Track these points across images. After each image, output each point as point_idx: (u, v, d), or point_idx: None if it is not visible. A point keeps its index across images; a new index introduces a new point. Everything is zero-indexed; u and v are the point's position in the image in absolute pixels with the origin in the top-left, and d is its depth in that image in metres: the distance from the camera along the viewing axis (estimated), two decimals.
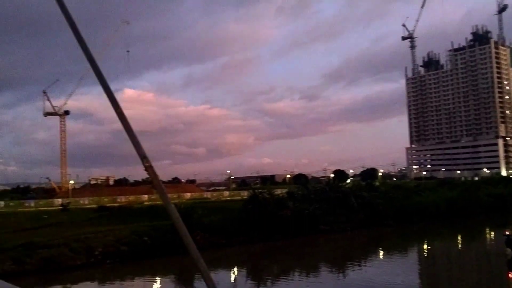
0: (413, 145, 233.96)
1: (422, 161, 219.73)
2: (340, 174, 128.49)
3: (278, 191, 58.06)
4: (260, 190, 53.14)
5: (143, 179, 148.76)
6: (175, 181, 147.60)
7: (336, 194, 55.97)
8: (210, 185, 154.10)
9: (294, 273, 33.84)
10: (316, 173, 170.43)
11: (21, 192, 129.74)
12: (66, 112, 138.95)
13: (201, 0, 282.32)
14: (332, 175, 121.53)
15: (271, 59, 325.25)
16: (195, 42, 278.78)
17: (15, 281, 1.94)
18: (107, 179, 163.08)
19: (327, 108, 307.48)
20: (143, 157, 2.11)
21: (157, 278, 33.84)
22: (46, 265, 32.74)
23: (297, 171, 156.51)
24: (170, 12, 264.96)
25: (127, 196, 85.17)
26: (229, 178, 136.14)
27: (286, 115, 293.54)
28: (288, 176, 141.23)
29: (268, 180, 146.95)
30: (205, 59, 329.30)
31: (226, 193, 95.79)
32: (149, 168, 2.10)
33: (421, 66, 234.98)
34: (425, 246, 45.76)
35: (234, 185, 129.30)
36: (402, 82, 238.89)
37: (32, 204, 78.69)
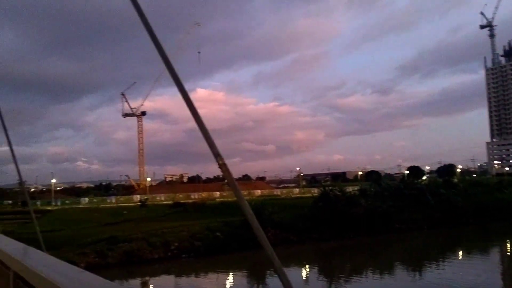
0: (494, 140, 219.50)
1: (504, 156, 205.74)
2: (415, 171, 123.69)
3: (350, 188, 56.99)
4: (331, 187, 52.42)
5: (214, 176, 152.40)
6: (246, 178, 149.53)
7: (411, 191, 54.03)
8: (280, 182, 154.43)
9: (367, 272, 33.08)
10: (389, 169, 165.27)
11: (103, 189, 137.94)
12: (143, 113, 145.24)
13: None
14: (407, 172, 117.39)
15: (342, 54, 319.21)
16: (264, 40, 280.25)
17: (99, 274, 2.06)
18: (181, 176, 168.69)
19: (401, 102, 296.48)
20: (217, 155, 2.15)
21: (230, 273, 34.50)
22: (127, 258, 34.48)
23: (369, 167, 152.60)
24: (240, 12, 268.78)
25: (200, 193, 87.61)
26: (299, 175, 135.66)
27: (358, 110, 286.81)
28: (360, 173, 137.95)
29: (339, 177, 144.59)
30: (275, 56, 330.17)
31: (296, 190, 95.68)
32: (223, 166, 2.13)
33: (501, 55, 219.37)
34: (508, 246, 42.91)
35: (304, 182, 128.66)
36: (482, 73, 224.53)
37: (113, 200, 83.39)
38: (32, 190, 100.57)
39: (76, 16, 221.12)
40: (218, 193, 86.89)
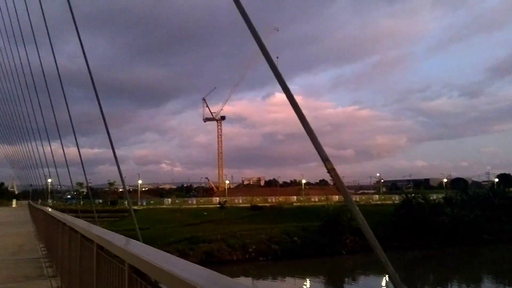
0: None
1: None
2: (506, 179, 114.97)
3: (434, 196, 54.33)
4: (413, 195, 50.30)
5: (291, 181, 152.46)
6: (323, 183, 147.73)
7: (501, 200, 50.53)
8: (359, 188, 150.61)
9: (452, 285, 31.31)
10: (477, 177, 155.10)
11: (185, 190, 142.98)
12: (222, 117, 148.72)
13: None
14: (496, 180, 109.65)
15: (427, 55, 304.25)
16: (345, 42, 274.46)
17: None
18: (259, 180, 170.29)
19: (492, 105, 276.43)
20: (326, 160, 2.15)
21: (307, 278, 34.25)
22: (207, 258, 35.44)
23: (455, 174, 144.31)
24: (321, 15, 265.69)
25: (277, 197, 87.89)
26: (379, 181, 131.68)
27: (443, 114, 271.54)
28: (445, 180, 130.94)
29: (422, 184, 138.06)
30: (355, 59, 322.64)
31: (376, 196, 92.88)
32: (332, 171, 2.13)
33: None
34: None
35: (383, 189, 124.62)
36: None
37: (194, 202, 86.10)
38: (120, 190, 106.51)
39: (163, 24, 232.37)
40: (295, 197, 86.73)
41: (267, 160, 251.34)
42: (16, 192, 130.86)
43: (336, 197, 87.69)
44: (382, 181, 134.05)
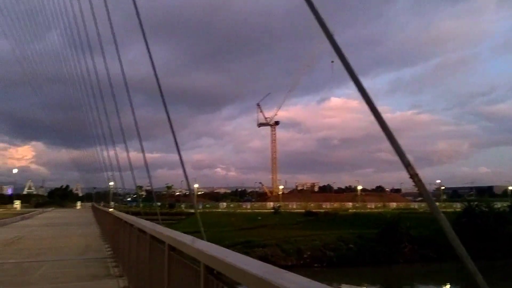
0: None
1: None
2: None
3: (498, 204, 51.63)
4: (476, 203, 48.01)
5: (346, 187, 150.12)
6: (379, 189, 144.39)
7: None
8: (417, 195, 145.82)
9: None
10: None
11: (239, 194, 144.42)
12: (276, 123, 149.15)
13: (414, 0, 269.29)
14: None
15: (492, 56, 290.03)
16: (405, 45, 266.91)
17: None
18: (313, 185, 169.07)
19: None
20: (408, 165, 2.11)
21: (363, 286, 33.53)
22: None
23: None
24: (379, 17, 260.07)
25: (332, 203, 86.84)
26: (439, 188, 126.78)
27: (509, 118, 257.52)
28: (510, 187, 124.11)
29: (485, 192, 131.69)
30: (415, 61, 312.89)
31: (436, 204, 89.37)
32: (414, 177, 2.09)
33: None
34: None
35: (444, 196, 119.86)
36: None
37: (248, 206, 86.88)
38: (177, 193, 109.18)
39: (221, 31, 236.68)
40: (350, 203, 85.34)
41: (322, 165, 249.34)
42: (80, 195, 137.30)
43: (393, 204, 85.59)
44: (443, 188, 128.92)
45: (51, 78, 49.35)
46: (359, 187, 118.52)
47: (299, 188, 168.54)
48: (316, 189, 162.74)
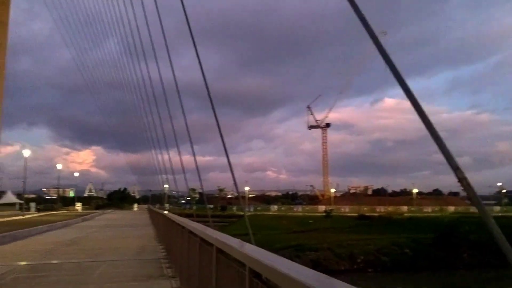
0: None
1: None
2: None
3: None
4: None
5: (401, 190, 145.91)
6: (436, 193, 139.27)
7: None
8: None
9: None
10: None
11: (290, 197, 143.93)
12: (327, 125, 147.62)
13: None
14: None
15: None
16: (463, 42, 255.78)
17: None
18: (366, 188, 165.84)
19: None
20: (456, 169, 2.04)
21: None
22: (313, 267, 34.86)
23: None
24: (435, 14, 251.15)
25: (386, 207, 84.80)
26: (501, 191, 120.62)
27: None
28: None
29: None
30: (474, 59, 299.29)
31: (497, 208, 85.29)
32: (463, 180, 2.01)
33: None
34: None
35: (506, 200, 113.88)
36: None
37: (300, 209, 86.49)
38: (229, 196, 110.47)
39: (271, 33, 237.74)
40: (405, 207, 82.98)
41: (375, 168, 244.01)
42: (137, 197, 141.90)
43: (451, 208, 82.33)
44: (505, 191, 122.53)
45: (109, 85, 51.39)
46: (415, 190, 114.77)
47: (352, 191, 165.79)
48: (369, 192, 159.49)
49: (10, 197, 79.22)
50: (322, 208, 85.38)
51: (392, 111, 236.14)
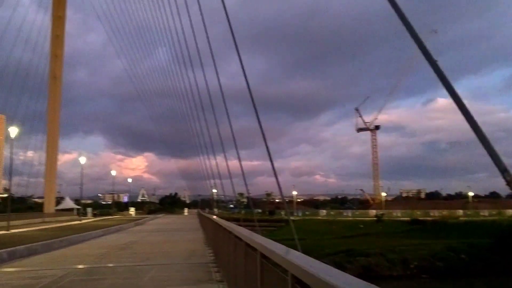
0: None
1: None
2: None
3: None
4: None
5: (456, 193, 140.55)
6: (494, 195, 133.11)
7: None
8: None
9: None
10: None
11: (339, 202, 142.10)
12: (377, 127, 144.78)
13: None
14: None
15: None
16: None
17: None
18: (419, 192, 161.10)
19: None
20: (504, 171, 1.93)
21: None
22: (365, 272, 34.46)
23: None
24: (488, 10, 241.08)
25: (440, 210, 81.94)
26: None
27: None
28: None
29: None
30: None
31: None
32: (511, 183, 1.90)
33: None
34: None
35: None
36: None
37: (349, 214, 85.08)
38: (277, 200, 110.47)
39: (317, 36, 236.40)
40: (461, 211, 79.83)
41: (428, 171, 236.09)
42: (187, 202, 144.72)
43: (510, 211, 78.32)
44: None
45: (159, 93, 52.99)
46: (471, 194, 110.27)
47: (404, 195, 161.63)
48: (422, 196, 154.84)
49: (68, 203, 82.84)
50: (372, 212, 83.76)
51: (445, 111, 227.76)
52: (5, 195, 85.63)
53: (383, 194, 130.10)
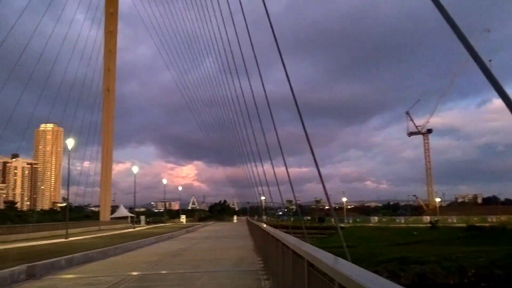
0: None
1: None
2: None
3: None
4: None
5: None
6: None
7: None
8: None
9: None
10: None
11: (391, 208, 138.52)
12: (429, 130, 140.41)
13: None
14: None
15: None
16: None
17: None
18: (475, 197, 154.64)
19: None
20: None
21: None
22: (419, 281, 33.47)
23: None
24: None
25: (498, 216, 78.25)
26: None
27: None
28: None
29: None
30: None
31: None
32: None
33: None
34: None
35: None
36: None
37: (402, 221, 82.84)
38: (326, 207, 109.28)
39: (365, 39, 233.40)
40: None
41: (485, 174, 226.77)
42: (236, 209, 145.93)
43: None
44: None
45: (207, 102, 53.99)
46: None
47: (459, 200, 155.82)
48: (479, 201, 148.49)
49: (122, 211, 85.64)
50: (426, 219, 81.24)
51: (502, 112, 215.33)
52: (64, 205, 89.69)
53: (437, 199, 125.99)
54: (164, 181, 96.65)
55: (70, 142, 37.93)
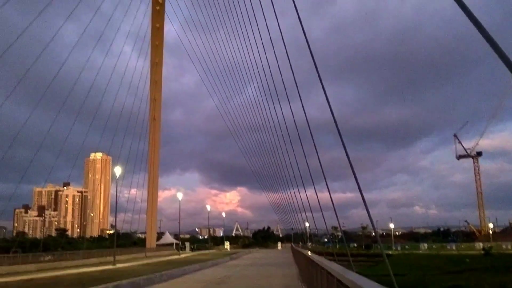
0: None
1: None
2: None
3: None
4: None
5: None
6: None
7: None
8: None
9: None
10: None
11: (442, 234, 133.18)
12: (479, 153, 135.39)
13: None
14: None
15: None
16: None
17: None
18: None
19: None
20: None
21: None
22: None
23: None
24: None
25: None
26: None
27: None
28: None
29: None
30: None
31: None
32: None
33: None
34: None
35: None
36: None
37: (454, 247, 79.42)
38: (373, 234, 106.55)
39: (409, 61, 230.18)
40: None
41: None
42: (280, 235, 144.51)
43: None
44: None
45: (249, 128, 54.57)
46: None
47: None
48: None
49: (168, 238, 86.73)
50: (479, 245, 77.47)
51: None
52: (112, 232, 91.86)
53: (490, 225, 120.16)
54: (208, 208, 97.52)
55: (118, 170, 39.13)
